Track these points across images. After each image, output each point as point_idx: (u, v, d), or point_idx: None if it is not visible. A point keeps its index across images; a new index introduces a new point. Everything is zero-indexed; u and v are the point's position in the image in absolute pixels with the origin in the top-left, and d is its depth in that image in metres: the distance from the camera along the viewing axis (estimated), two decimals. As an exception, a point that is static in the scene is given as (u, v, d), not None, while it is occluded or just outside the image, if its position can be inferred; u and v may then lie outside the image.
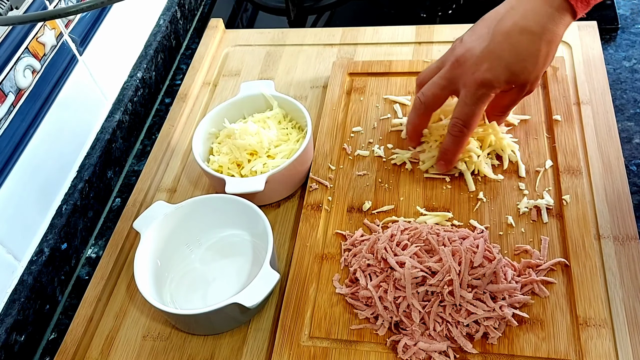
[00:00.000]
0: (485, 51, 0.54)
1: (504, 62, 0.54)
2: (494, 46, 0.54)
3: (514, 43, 0.53)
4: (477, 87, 0.55)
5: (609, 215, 0.60)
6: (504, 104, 0.59)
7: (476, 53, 0.55)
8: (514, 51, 0.53)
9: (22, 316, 0.59)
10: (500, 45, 0.54)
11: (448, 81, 0.57)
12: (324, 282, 0.58)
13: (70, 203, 0.67)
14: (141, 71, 0.82)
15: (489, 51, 0.54)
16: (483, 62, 0.54)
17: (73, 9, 0.45)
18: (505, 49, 0.53)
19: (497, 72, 0.54)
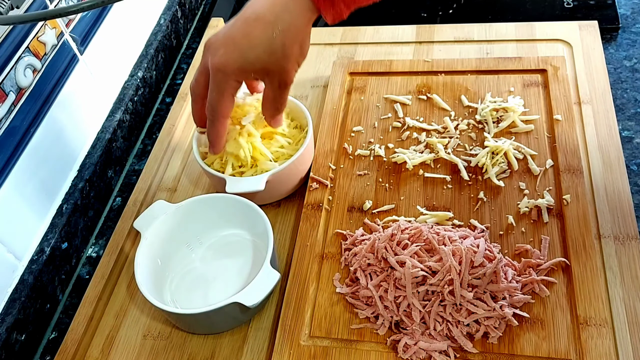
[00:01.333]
0: (225, 37, 0.54)
1: (238, 48, 0.53)
2: (232, 32, 0.53)
3: (248, 30, 0.53)
4: (214, 71, 0.54)
5: (609, 215, 0.60)
6: (265, 99, 0.58)
7: (219, 38, 0.54)
8: (247, 38, 0.52)
9: (23, 315, 0.59)
10: (238, 31, 0.53)
11: (202, 67, 0.56)
12: (324, 281, 0.58)
13: (70, 202, 0.67)
14: (142, 70, 0.82)
15: (227, 37, 0.53)
16: (221, 47, 0.54)
17: (74, 9, 0.45)
18: (240, 35, 0.53)
19: (231, 58, 0.53)
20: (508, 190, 0.62)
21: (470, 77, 0.73)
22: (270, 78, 0.55)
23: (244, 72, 0.54)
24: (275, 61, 0.53)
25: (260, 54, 0.53)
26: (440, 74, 0.74)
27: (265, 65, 0.53)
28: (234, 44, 0.53)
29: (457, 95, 0.72)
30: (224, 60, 0.53)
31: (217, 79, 0.54)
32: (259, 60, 0.53)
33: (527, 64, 0.73)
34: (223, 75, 0.54)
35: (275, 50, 0.53)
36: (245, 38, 0.53)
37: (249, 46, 0.53)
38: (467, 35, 0.80)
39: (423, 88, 0.74)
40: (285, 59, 0.53)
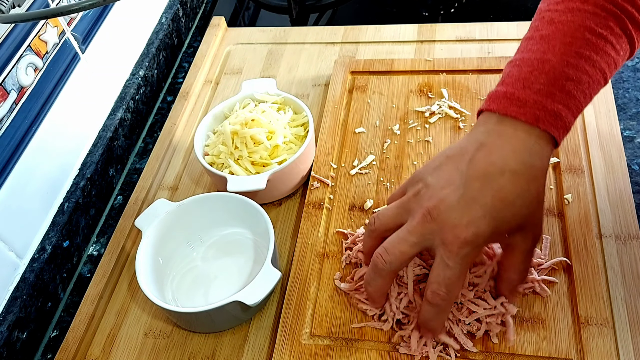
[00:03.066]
0: (464, 201, 0.45)
1: (489, 211, 0.44)
2: (472, 193, 0.44)
3: (496, 187, 0.44)
4: (460, 245, 0.44)
5: (610, 215, 0.60)
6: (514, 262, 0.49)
7: (453, 204, 0.45)
8: (497, 197, 0.44)
9: (24, 313, 0.59)
10: (481, 192, 0.44)
11: (420, 237, 0.46)
12: (325, 280, 0.58)
13: (72, 201, 0.67)
14: (143, 69, 0.82)
15: (468, 200, 0.44)
16: (463, 214, 0.44)
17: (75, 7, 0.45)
18: (487, 196, 0.44)
19: (482, 224, 0.44)
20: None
21: (472, 76, 0.73)
22: (524, 234, 0.47)
23: (497, 236, 0.46)
24: (531, 214, 0.46)
25: (517, 211, 0.45)
26: (442, 73, 0.74)
27: (521, 221, 0.46)
28: (480, 208, 0.44)
29: (459, 94, 0.72)
30: (474, 229, 0.44)
31: (464, 252, 0.44)
32: (516, 218, 0.45)
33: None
34: (472, 248, 0.44)
35: (531, 201, 0.45)
36: (494, 198, 0.44)
37: (502, 206, 0.44)
38: (468, 34, 0.80)
39: (424, 87, 0.74)
40: (540, 208, 0.47)
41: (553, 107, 0.45)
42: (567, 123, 0.46)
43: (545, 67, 0.46)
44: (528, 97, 0.45)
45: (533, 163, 0.45)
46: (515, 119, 0.45)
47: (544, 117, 0.45)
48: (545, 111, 0.45)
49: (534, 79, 0.46)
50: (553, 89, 0.45)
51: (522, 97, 0.45)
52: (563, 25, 0.46)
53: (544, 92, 0.45)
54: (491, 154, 0.45)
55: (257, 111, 0.66)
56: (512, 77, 0.47)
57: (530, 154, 0.45)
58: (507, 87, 0.47)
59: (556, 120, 0.45)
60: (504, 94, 0.46)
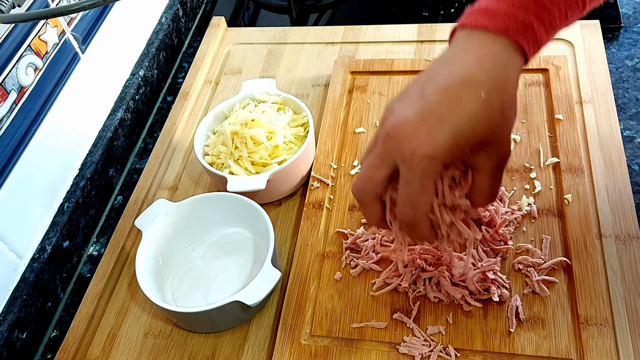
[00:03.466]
0: (421, 115, 0.42)
1: (447, 123, 0.42)
2: (430, 106, 0.42)
3: (455, 98, 0.42)
4: (418, 159, 0.42)
5: (610, 214, 0.60)
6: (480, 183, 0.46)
7: (410, 118, 0.43)
8: (457, 107, 0.42)
9: (24, 313, 0.59)
10: (439, 104, 0.42)
11: (382, 159, 0.44)
12: (325, 280, 0.58)
13: (72, 201, 0.67)
14: (143, 69, 0.82)
15: (425, 114, 0.42)
16: (419, 128, 0.42)
17: (75, 7, 0.45)
18: (445, 107, 0.42)
19: (440, 137, 0.42)
20: (509, 189, 0.62)
21: (472, 76, 0.73)
22: (488, 152, 0.44)
23: (458, 150, 0.43)
24: (494, 129, 0.43)
25: (477, 125, 0.42)
26: (442, 73, 0.74)
27: (483, 136, 0.43)
28: (439, 120, 0.42)
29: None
30: (430, 141, 0.41)
31: (421, 167, 0.42)
32: (477, 132, 0.42)
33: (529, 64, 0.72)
34: (430, 162, 0.42)
35: (494, 115, 0.42)
36: (453, 109, 0.42)
37: (462, 118, 0.42)
38: (468, 34, 0.80)
39: (424, 87, 0.73)
40: (505, 123, 0.44)
41: (525, 18, 0.43)
42: (538, 36, 0.43)
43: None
44: (500, 8, 0.43)
45: (497, 74, 0.42)
46: (484, 29, 0.43)
47: (514, 26, 0.42)
48: (515, 20, 0.43)
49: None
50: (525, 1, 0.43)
51: (494, 8, 0.43)
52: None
53: (517, 3, 0.43)
54: (453, 65, 0.43)
55: (257, 111, 0.66)
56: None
57: (494, 63, 0.42)
58: (481, 3, 0.45)
59: (526, 31, 0.43)
60: (477, 8, 0.44)
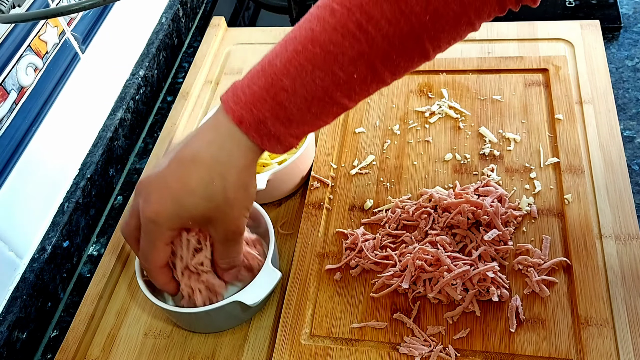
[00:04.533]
0: (157, 180, 0.46)
1: (172, 193, 0.45)
2: (165, 174, 0.46)
3: (184, 173, 0.45)
4: (145, 221, 0.46)
5: (610, 215, 0.60)
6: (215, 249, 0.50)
7: (150, 182, 0.47)
8: (182, 181, 0.45)
9: (24, 313, 0.59)
10: (172, 174, 0.46)
11: (131, 211, 0.49)
12: (325, 280, 0.58)
13: (72, 201, 0.67)
14: (143, 69, 0.82)
15: (159, 180, 0.46)
16: (153, 192, 0.46)
17: (75, 7, 0.45)
18: (174, 179, 0.45)
19: (164, 205, 0.45)
20: (509, 190, 0.62)
21: (472, 76, 0.73)
22: (215, 227, 0.48)
23: (180, 220, 0.46)
24: (216, 208, 0.46)
25: (198, 201, 0.45)
26: (442, 73, 0.74)
27: (205, 213, 0.46)
28: (167, 188, 0.45)
29: (459, 94, 0.72)
30: (155, 209, 0.45)
31: (149, 228, 0.47)
32: (197, 207, 0.46)
33: (529, 64, 0.73)
34: (155, 226, 0.46)
35: (214, 196, 0.45)
36: (179, 182, 0.45)
37: (184, 192, 0.45)
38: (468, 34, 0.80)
39: (424, 87, 0.73)
40: (227, 205, 0.46)
41: (259, 114, 0.44)
42: (273, 132, 0.45)
43: (270, 70, 0.44)
44: (245, 97, 0.45)
45: (221, 159, 0.45)
46: (227, 113, 0.45)
47: (248, 120, 0.44)
48: (251, 114, 0.44)
49: (257, 79, 0.45)
50: (266, 95, 0.44)
51: (240, 95, 0.45)
52: (305, 31, 0.44)
53: (257, 95, 0.44)
54: (194, 141, 0.46)
55: None
56: (251, 70, 0.46)
57: (221, 149, 0.45)
58: (243, 79, 0.46)
59: (259, 126, 0.44)
60: (235, 85, 0.46)
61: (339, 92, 0.44)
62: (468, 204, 0.58)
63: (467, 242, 0.58)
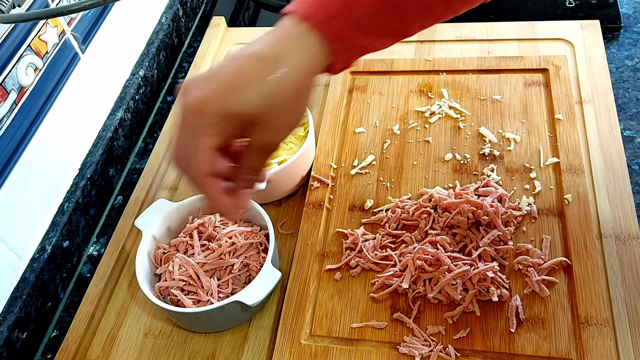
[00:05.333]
0: (207, 73, 0.43)
1: (225, 83, 0.41)
2: (219, 68, 0.43)
3: (241, 65, 0.42)
4: (187, 112, 0.42)
5: (610, 215, 0.60)
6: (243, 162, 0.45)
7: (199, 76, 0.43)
8: (238, 73, 0.41)
9: (24, 313, 0.59)
10: (226, 68, 0.42)
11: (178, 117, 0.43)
12: (325, 280, 0.58)
13: (72, 201, 0.67)
14: (143, 69, 0.82)
15: (212, 73, 0.43)
16: (201, 83, 0.42)
17: (75, 7, 0.45)
18: (229, 70, 0.42)
19: (213, 93, 0.41)
20: (509, 190, 0.62)
21: (472, 76, 0.73)
22: (257, 132, 0.43)
23: (226, 118, 0.42)
24: (268, 108, 0.42)
25: (251, 97, 0.41)
26: (442, 73, 0.74)
27: (256, 111, 0.41)
28: (218, 80, 0.42)
29: (459, 94, 0.72)
30: (201, 96, 0.41)
31: (191, 122, 0.42)
32: (250, 104, 0.41)
33: (529, 63, 0.73)
34: (197, 116, 0.41)
35: (270, 95, 0.41)
36: (234, 74, 0.42)
37: (239, 84, 0.41)
38: (468, 34, 0.80)
39: (424, 87, 0.73)
40: (281, 107, 0.42)
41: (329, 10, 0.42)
42: (341, 32, 0.42)
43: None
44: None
45: (285, 57, 0.42)
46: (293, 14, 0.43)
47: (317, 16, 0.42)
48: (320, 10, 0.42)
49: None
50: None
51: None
52: None
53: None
54: (255, 42, 0.43)
55: None
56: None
57: (285, 48, 0.42)
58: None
59: (329, 22, 0.42)
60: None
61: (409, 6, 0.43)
62: (468, 204, 0.58)
63: (467, 242, 0.58)
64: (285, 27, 0.43)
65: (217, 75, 0.42)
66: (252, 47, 0.42)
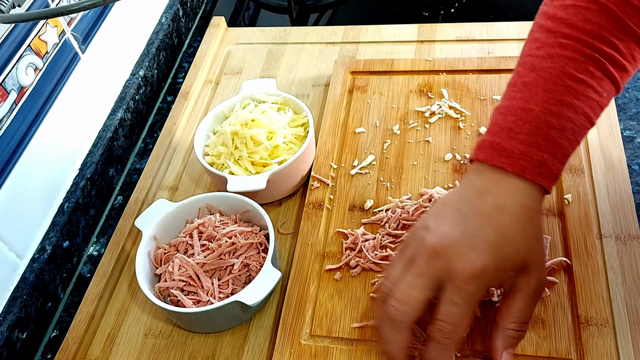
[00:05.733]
0: (467, 236, 0.44)
1: (492, 246, 0.44)
2: (474, 230, 0.45)
3: (496, 224, 0.45)
4: (466, 280, 0.43)
5: (610, 215, 0.60)
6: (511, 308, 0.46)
7: (455, 239, 0.44)
8: (498, 232, 0.44)
9: (24, 314, 0.59)
10: (482, 229, 0.45)
11: (427, 278, 0.45)
12: (325, 280, 0.58)
13: (72, 201, 0.67)
14: (143, 69, 0.82)
15: (470, 236, 0.44)
16: (468, 248, 0.44)
17: (75, 7, 0.45)
18: (488, 231, 0.44)
19: (486, 259, 0.43)
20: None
21: (472, 76, 0.73)
22: (528, 276, 0.46)
23: (501, 273, 0.45)
24: (533, 252, 0.46)
25: (518, 248, 0.44)
26: (442, 73, 0.74)
27: (524, 258, 0.45)
28: (485, 242, 0.44)
29: (459, 94, 0.72)
30: (479, 263, 0.43)
31: (471, 289, 0.43)
32: (519, 254, 0.45)
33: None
34: (479, 283, 0.43)
35: (531, 239, 0.45)
36: (496, 233, 0.44)
37: (505, 241, 0.44)
38: (468, 34, 0.80)
39: (424, 87, 0.73)
40: (540, 249, 0.47)
41: (538, 157, 0.45)
42: (554, 171, 0.46)
43: (529, 116, 0.46)
44: (514, 148, 0.46)
45: (528, 204, 0.46)
46: (503, 169, 0.46)
47: (530, 167, 0.45)
48: (530, 162, 0.45)
49: (518, 129, 0.46)
50: (537, 139, 0.45)
51: (507, 148, 0.46)
52: (544, 72, 0.47)
53: (528, 142, 0.46)
54: (488, 195, 0.46)
55: (257, 111, 0.66)
56: (497, 126, 0.48)
57: (524, 195, 0.46)
58: (493, 137, 0.47)
59: (542, 169, 0.46)
60: (491, 143, 0.47)
61: (595, 111, 0.47)
62: None
63: None
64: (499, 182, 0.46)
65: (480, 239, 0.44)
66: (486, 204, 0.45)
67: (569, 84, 0.46)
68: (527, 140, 0.46)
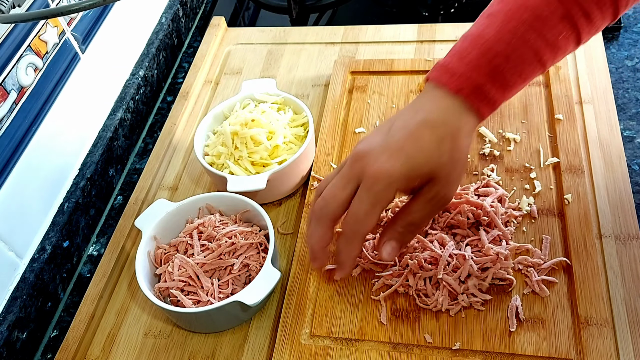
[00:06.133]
0: (386, 143, 0.49)
1: (405, 153, 0.47)
2: (394, 138, 0.49)
3: (415, 135, 0.48)
4: (374, 179, 0.48)
5: (610, 215, 0.60)
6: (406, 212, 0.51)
7: (376, 146, 0.49)
8: (415, 143, 0.48)
9: (24, 313, 0.59)
10: (402, 138, 0.48)
11: (347, 179, 0.49)
12: (325, 280, 0.58)
13: (72, 201, 0.67)
14: (143, 69, 0.82)
15: (389, 143, 0.48)
16: (383, 153, 0.48)
17: (75, 7, 0.45)
18: (406, 141, 0.48)
19: (397, 163, 0.47)
20: (508, 189, 0.62)
21: (472, 76, 0.73)
22: (430, 187, 0.49)
23: (409, 180, 0.48)
24: (442, 166, 0.48)
25: (429, 159, 0.48)
26: (442, 73, 0.74)
27: (432, 169, 0.48)
28: (399, 149, 0.48)
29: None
30: (388, 165, 0.47)
31: (378, 187, 0.48)
32: (428, 164, 0.48)
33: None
34: (385, 184, 0.47)
35: (443, 154, 0.48)
36: (411, 143, 0.48)
37: (417, 151, 0.48)
38: (468, 34, 0.80)
39: (424, 87, 0.73)
40: (452, 164, 0.49)
41: (476, 79, 0.48)
42: (488, 95, 0.48)
43: (480, 41, 0.48)
44: (458, 69, 0.48)
45: (452, 121, 0.48)
46: (443, 87, 0.49)
47: (466, 87, 0.48)
48: (467, 81, 0.48)
49: (467, 52, 0.49)
50: (480, 62, 0.48)
51: (453, 68, 0.49)
52: (509, 4, 0.49)
53: (472, 65, 0.48)
54: (420, 111, 0.49)
55: (257, 111, 0.67)
56: (453, 49, 0.50)
57: (451, 114, 0.48)
58: (446, 59, 0.50)
59: (477, 90, 0.48)
60: (442, 64, 0.50)
61: (547, 53, 0.48)
62: (468, 204, 0.58)
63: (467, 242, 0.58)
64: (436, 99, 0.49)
65: (396, 145, 0.48)
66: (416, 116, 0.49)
67: (526, 17, 0.47)
68: (472, 63, 0.48)
